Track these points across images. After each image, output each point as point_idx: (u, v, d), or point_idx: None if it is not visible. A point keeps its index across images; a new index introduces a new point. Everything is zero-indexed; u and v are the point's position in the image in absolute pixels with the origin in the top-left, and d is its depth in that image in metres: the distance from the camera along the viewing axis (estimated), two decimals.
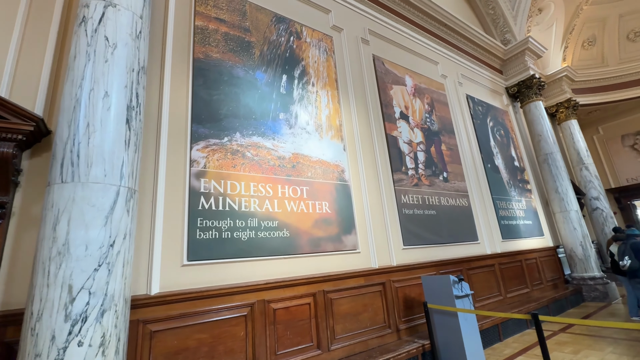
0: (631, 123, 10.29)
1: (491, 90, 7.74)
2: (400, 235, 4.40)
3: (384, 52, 5.51)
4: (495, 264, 5.53)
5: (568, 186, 7.11)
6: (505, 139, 7.33)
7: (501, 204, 6.31)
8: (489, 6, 8.01)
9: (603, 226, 8.36)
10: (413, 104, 5.51)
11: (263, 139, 3.53)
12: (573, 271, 6.85)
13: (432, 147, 5.47)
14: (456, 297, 3.43)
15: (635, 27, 9.53)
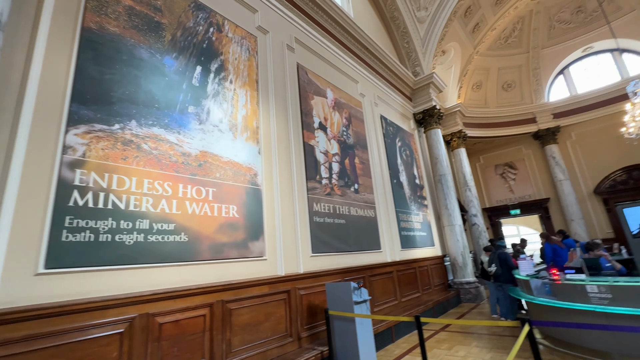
0: (503, 156, 12.71)
1: (401, 114, 8.64)
2: (310, 242, 4.45)
3: (309, 62, 5.63)
4: (394, 271, 6.05)
5: (455, 204, 8.32)
6: (409, 159, 8.22)
7: (402, 216, 7.00)
8: (405, 40, 9.00)
9: (478, 239, 10.01)
10: (332, 116, 5.74)
11: (166, 131, 3.17)
12: (454, 277, 7.98)
13: (347, 159, 5.76)
14: (355, 302, 3.59)
15: (508, 79, 11.91)
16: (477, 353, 4.06)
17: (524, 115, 11.75)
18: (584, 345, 3.54)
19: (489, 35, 10.62)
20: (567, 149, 11.31)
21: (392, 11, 8.69)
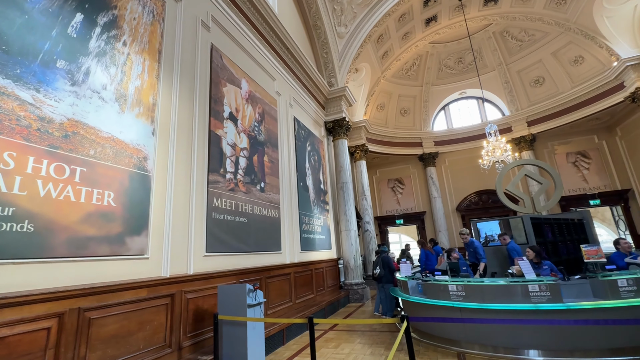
0: (395, 172, 14.44)
1: (314, 120, 8.88)
2: (205, 240, 4.04)
3: (225, 46, 5.22)
4: (291, 273, 6.06)
5: (353, 211, 8.97)
6: (317, 164, 8.49)
7: (305, 219, 7.12)
8: (324, 50, 9.34)
9: (369, 244, 11.04)
10: (245, 108, 5.43)
11: (16, 84, 2.38)
12: (346, 279, 8.55)
13: (256, 155, 5.53)
14: (249, 305, 3.39)
15: (405, 106, 13.66)
16: (359, 349, 4.35)
17: (413, 139, 13.64)
18: (443, 335, 4.20)
19: (395, 64, 12.00)
20: (442, 171, 13.63)
21: (315, 19, 8.92)
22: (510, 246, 5.11)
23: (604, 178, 11.45)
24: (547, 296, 3.53)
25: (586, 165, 11.71)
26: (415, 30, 11.01)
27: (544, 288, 3.55)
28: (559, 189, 6.60)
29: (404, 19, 10.32)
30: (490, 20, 10.98)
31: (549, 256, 5.63)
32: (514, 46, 11.73)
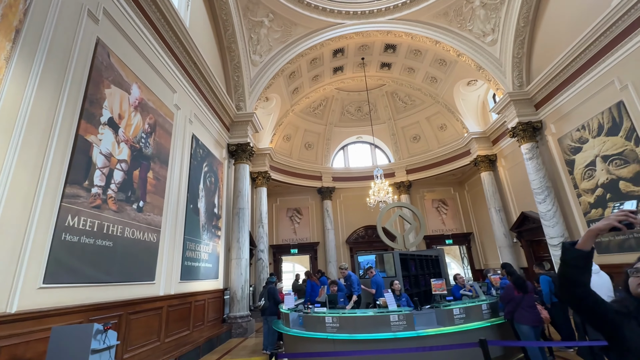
0: (294, 201, 14.83)
1: (216, 140, 8.52)
2: (44, 268, 3.23)
3: (117, 45, 4.65)
4: (164, 307, 5.34)
5: (247, 238, 8.69)
6: (213, 186, 8.04)
7: (191, 245, 6.52)
8: (236, 73, 9.30)
9: (260, 273, 10.75)
10: (132, 117, 4.83)
11: None
12: (231, 311, 8.01)
13: (138, 170, 4.89)
14: (93, 351, 2.78)
15: (310, 140, 14.49)
16: None
17: (314, 173, 14.45)
18: None
19: (304, 101, 12.79)
20: (337, 205, 14.67)
21: (230, 42, 8.89)
22: (373, 279, 5.68)
23: (456, 222, 14.30)
24: (403, 325, 4.05)
25: (445, 211, 14.46)
26: (324, 75, 12.11)
27: (401, 317, 4.07)
28: (423, 229, 7.91)
29: (315, 62, 11.26)
30: (384, 82, 12.99)
31: (411, 288, 6.54)
32: (400, 106, 14.08)
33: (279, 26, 9.52)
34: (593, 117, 7.03)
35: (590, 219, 7.35)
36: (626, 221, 1.16)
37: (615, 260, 6.53)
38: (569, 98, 7.64)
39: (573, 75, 7.42)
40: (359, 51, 11.19)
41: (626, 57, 6.17)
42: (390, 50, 11.16)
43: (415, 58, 11.29)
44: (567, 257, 1.27)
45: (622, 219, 1.17)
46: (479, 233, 13.61)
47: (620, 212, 1.19)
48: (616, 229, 1.18)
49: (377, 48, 11.08)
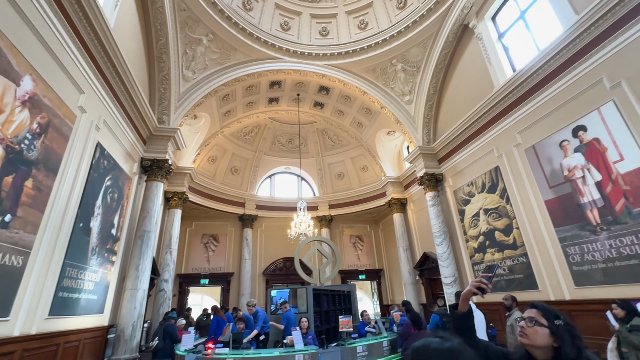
0: (212, 227, 13.87)
1: (127, 152, 7.62)
2: None
3: (11, 27, 3.95)
4: (17, 351, 4.22)
5: (149, 265, 7.66)
6: (115, 204, 7.04)
7: (72, 271, 5.44)
8: (163, 85, 8.70)
9: (160, 306, 9.46)
10: (15, 111, 4.03)
11: None
12: (114, 353, 6.74)
13: (11, 177, 4.00)
14: None
15: (236, 165, 14.08)
16: None
17: (238, 198, 13.92)
18: None
19: (235, 124, 12.56)
20: (257, 234, 14.22)
21: (161, 52, 8.38)
22: (285, 315, 5.56)
23: (370, 258, 15.16)
24: None
25: (361, 247, 15.26)
26: (260, 103, 12.22)
27: (307, 357, 3.99)
28: (338, 264, 8.15)
29: (251, 90, 11.32)
30: (316, 119, 13.69)
31: (322, 324, 6.54)
32: (329, 144, 14.89)
33: (218, 48, 9.43)
34: (479, 176, 8.51)
35: (474, 262, 8.60)
36: (480, 287, 1.49)
37: (491, 299, 7.68)
38: (462, 158, 9.17)
39: (465, 141, 8.99)
40: (295, 87, 11.69)
41: (501, 132, 7.78)
42: (324, 92, 11.96)
43: (346, 103, 12.30)
44: (452, 317, 1.61)
45: (477, 285, 1.50)
46: (388, 270, 14.63)
47: (476, 280, 1.52)
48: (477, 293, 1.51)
49: (312, 87, 11.75)
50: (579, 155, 5.95)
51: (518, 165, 7.29)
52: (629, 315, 3.87)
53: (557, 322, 1.36)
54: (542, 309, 1.41)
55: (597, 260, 5.56)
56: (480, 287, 1.50)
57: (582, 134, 5.88)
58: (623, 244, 5.18)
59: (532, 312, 1.42)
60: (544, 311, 1.40)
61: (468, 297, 1.54)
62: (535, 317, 1.39)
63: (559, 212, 6.31)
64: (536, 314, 1.40)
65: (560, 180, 6.28)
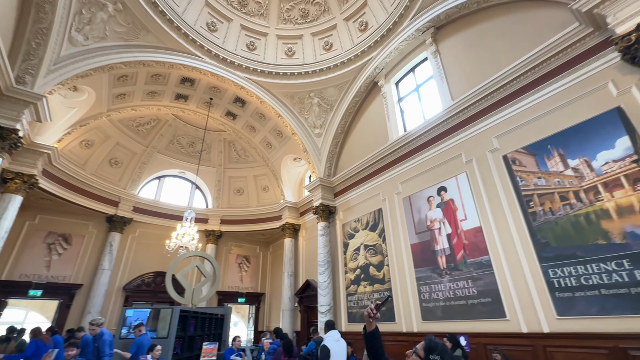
0: (66, 224, 11.14)
1: None
2: None
3: None
4: None
5: None
6: None
7: None
8: (36, 39, 6.97)
9: None
10: None
11: None
12: None
13: None
14: None
15: (118, 157, 12.06)
16: None
17: (111, 196, 11.79)
18: None
19: (128, 111, 10.91)
20: (127, 241, 12.15)
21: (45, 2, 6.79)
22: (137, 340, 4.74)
23: (254, 281, 14.66)
24: None
25: (246, 268, 14.67)
26: (164, 95, 11.01)
27: None
28: (217, 284, 7.56)
29: (158, 79, 10.15)
30: (225, 129, 13.11)
31: (183, 351, 5.81)
32: (234, 157, 14.34)
33: (126, 22, 8.24)
34: (365, 215, 9.45)
35: (348, 292, 9.25)
36: (369, 314, 1.91)
37: (356, 329, 8.29)
38: (355, 195, 10.08)
39: (359, 181, 9.97)
40: (209, 90, 11.05)
41: (388, 180, 8.93)
42: (240, 103, 11.66)
43: (259, 120, 12.23)
44: (364, 335, 1.97)
45: (368, 312, 1.91)
46: (270, 295, 14.37)
47: (368, 309, 1.92)
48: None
49: (228, 96, 11.32)
50: (439, 210, 7.27)
51: (396, 210, 8.41)
52: (454, 347, 4.72)
53: (433, 357, 1.59)
54: (427, 343, 1.67)
55: (440, 299, 6.70)
56: (369, 315, 1.88)
57: (444, 194, 7.26)
58: (458, 287, 6.42)
59: (419, 345, 1.73)
60: (427, 346, 1.66)
61: (368, 320, 1.91)
62: (417, 349, 1.69)
63: (419, 255, 7.45)
64: (420, 346, 1.68)
65: (424, 229, 7.51)
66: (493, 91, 6.61)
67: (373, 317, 1.84)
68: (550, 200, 5.41)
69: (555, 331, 4.87)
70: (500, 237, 5.93)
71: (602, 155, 4.94)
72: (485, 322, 5.78)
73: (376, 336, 1.93)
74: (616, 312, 4.34)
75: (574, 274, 4.83)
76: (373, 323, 1.92)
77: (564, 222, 5.15)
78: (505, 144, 6.29)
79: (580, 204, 5.06)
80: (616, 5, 4.74)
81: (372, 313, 1.85)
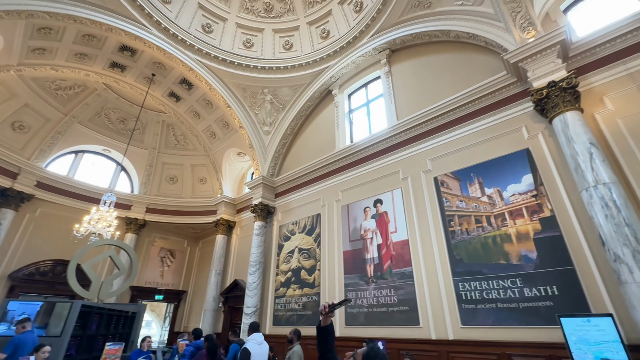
0: None
1: None
2: None
3: None
4: None
5: None
6: None
7: None
8: None
9: None
10: None
11: None
12: None
13: None
14: None
15: (27, 121, 10.21)
16: None
17: (8, 165, 9.89)
18: None
19: (46, 70, 9.36)
20: (22, 221, 10.27)
21: None
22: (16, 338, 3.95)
23: (176, 278, 13.59)
24: None
25: (169, 263, 13.54)
26: (97, 61, 9.70)
27: None
28: (132, 278, 6.81)
29: (90, 40, 8.90)
30: (166, 110, 12.05)
31: (79, 353, 5.07)
32: (172, 142, 13.24)
33: None
34: (303, 218, 9.49)
35: (277, 295, 9.13)
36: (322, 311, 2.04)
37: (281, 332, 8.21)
38: (295, 198, 10.08)
39: (302, 184, 10.01)
40: (153, 65, 10.07)
41: (330, 187, 9.12)
42: (186, 86, 10.86)
43: (206, 107, 11.52)
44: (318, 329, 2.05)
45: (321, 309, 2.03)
46: (193, 293, 13.46)
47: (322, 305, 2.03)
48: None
49: (174, 75, 10.45)
50: (373, 221, 7.66)
51: (334, 217, 8.62)
52: None
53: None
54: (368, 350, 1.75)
55: (364, 305, 7.01)
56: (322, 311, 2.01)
57: (379, 206, 7.67)
58: (382, 295, 6.79)
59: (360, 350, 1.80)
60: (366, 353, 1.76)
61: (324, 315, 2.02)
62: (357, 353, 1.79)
63: (350, 262, 7.72)
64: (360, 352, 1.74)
65: (358, 237, 7.82)
66: (432, 118, 7.24)
67: (324, 314, 1.97)
68: (467, 221, 6.08)
69: (458, 339, 5.44)
70: (423, 251, 6.46)
71: (511, 188, 5.74)
72: (402, 329, 6.21)
73: (329, 332, 2.04)
74: (507, 323, 5.04)
75: (479, 288, 5.48)
76: (329, 319, 2.04)
77: (475, 242, 5.83)
78: (437, 166, 6.92)
79: (490, 227, 5.79)
80: (536, 63, 5.60)
81: (324, 310, 1.98)
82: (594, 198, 4.41)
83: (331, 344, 2.01)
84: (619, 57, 5.27)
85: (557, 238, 4.99)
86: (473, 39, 7.03)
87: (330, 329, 2.05)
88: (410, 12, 7.99)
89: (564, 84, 5.17)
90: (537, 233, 5.22)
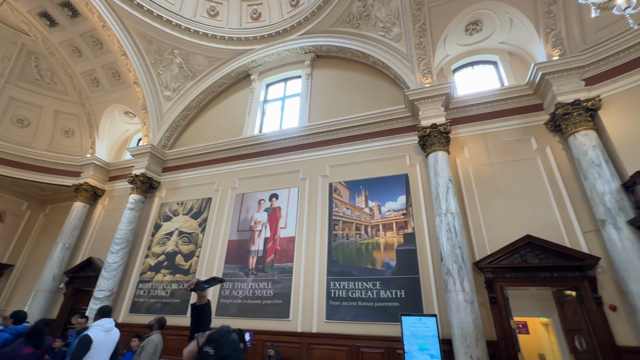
0: None
1: None
2: None
3: None
4: None
5: None
6: None
7: None
8: None
9: None
10: None
11: None
12: None
13: None
14: None
15: None
16: None
17: None
18: None
19: None
20: None
21: None
22: None
23: (2, 247, 10.53)
24: None
25: None
26: None
27: None
28: None
29: None
30: (33, 34, 9.32)
31: None
32: (31, 74, 10.28)
33: None
34: (191, 200, 8.75)
35: (142, 279, 8.12)
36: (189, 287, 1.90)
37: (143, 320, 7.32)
38: (186, 177, 9.22)
39: (196, 164, 9.24)
40: None
41: (228, 172, 8.70)
42: (69, 11, 8.64)
43: (93, 47, 9.41)
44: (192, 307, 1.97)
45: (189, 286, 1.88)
46: (24, 268, 10.66)
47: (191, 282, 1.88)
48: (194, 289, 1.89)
49: None
50: (265, 214, 7.67)
51: (226, 204, 8.25)
52: None
53: (207, 347, 1.50)
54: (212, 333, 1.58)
55: (239, 297, 6.91)
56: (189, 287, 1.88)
57: (274, 200, 7.74)
58: (259, 287, 6.84)
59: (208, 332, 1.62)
60: (210, 335, 1.57)
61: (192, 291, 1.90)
62: (201, 334, 1.62)
63: (234, 252, 7.51)
64: (206, 334, 1.59)
65: (247, 228, 7.68)
66: (339, 128, 7.79)
67: (190, 289, 1.86)
68: (349, 227, 6.74)
69: (320, 332, 5.93)
70: (306, 249, 6.83)
71: (389, 204, 6.66)
72: (272, 321, 6.38)
73: (204, 311, 1.94)
74: (363, 319, 5.78)
75: (346, 287, 6.13)
76: (204, 298, 1.95)
77: (352, 247, 6.51)
78: (334, 173, 7.45)
79: (366, 235, 6.56)
80: (427, 105, 6.70)
81: (190, 286, 1.86)
82: (442, 223, 5.52)
83: (204, 326, 1.88)
84: (480, 119, 6.78)
85: (412, 251, 6.03)
86: (386, 69, 7.91)
87: (205, 309, 1.95)
88: (340, 26, 8.43)
89: (442, 128, 6.34)
90: (399, 245, 6.19)
